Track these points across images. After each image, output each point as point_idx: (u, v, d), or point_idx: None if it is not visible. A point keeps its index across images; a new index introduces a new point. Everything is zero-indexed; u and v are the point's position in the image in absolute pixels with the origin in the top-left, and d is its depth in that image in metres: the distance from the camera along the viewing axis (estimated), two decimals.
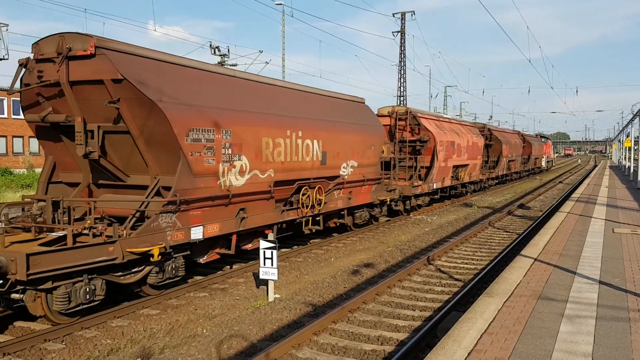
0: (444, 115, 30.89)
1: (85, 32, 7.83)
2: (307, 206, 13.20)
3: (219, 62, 30.24)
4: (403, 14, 47.61)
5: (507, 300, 7.19)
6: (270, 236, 10.01)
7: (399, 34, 47.88)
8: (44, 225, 8.96)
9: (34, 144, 46.68)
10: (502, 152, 36.13)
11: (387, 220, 19.89)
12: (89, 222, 8.60)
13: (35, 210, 9.23)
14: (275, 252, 9.56)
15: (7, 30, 19.40)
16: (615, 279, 8.32)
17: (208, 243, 10.65)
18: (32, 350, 7.30)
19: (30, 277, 7.28)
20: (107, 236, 8.37)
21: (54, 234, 8.72)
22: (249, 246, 11.81)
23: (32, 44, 9.42)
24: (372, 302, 9.51)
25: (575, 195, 23.82)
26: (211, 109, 10.12)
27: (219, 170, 10.24)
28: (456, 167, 26.10)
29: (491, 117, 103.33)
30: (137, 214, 9.07)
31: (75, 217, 9.59)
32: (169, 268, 9.51)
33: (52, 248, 7.86)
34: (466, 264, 12.84)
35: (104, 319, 8.49)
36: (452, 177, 25.77)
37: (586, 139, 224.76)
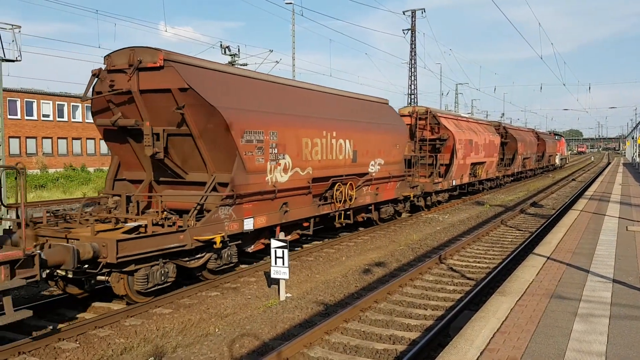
0: (462, 114, 31.62)
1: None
2: (339, 201, 14.21)
3: (229, 62, 30.33)
4: (413, 12, 47.46)
5: (519, 299, 7.15)
6: (281, 235, 10.03)
7: (410, 31, 47.73)
8: (123, 216, 10.20)
9: (47, 144, 47.08)
10: (517, 149, 36.68)
11: (410, 216, 20.69)
12: (165, 213, 9.91)
13: (111, 204, 10.66)
14: (286, 251, 9.58)
15: (19, 32, 19.58)
16: (629, 277, 8.24)
17: (255, 234, 11.71)
18: (46, 350, 7.38)
19: (118, 260, 8.40)
20: (178, 226, 9.54)
21: (129, 224, 9.77)
22: (288, 237, 11.97)
23: (104, 56, 10.52)
24: (384, 301, 9.50)
25: (588, 192, 23.62)
26: (261, 113, 11.27)
27: (267, 168, 11.40)
28: (474, 164, 26.80)
29: (503, 114, 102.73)
30: (198, 207, 10.23)
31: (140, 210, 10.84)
32: (225, 255, 10.67)
33: (135, 235, 8.96)
34: (478, 262, 12.78)
35: (117, 318, 8.56)
36: (470, 174, 26.53)
37: (599, 136, 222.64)
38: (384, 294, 9.66)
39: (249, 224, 10.95)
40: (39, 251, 7.51)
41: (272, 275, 9.70)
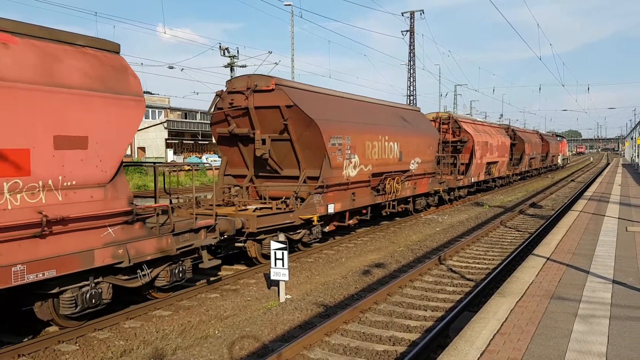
0: (477, 119, 34.78)
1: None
2: (388, 193, 17.07)
3: (228, 64, 30.32)
4: (412, 13, 47.52)
5: (519, 300, 7.15)
6: (281, 237, 10.03)
7: (408, 33, 47.80)
8: (243, 201, 13.34)
9: None
10: (524, 150, 39.87)
11: (436, 207, 23.40)
12: (283, 198, 12.92)
13: (234, 192, 13.86)
14: (286, 252, 9.58)
15: None
16: (629, 278, 8.24)
17: (330, 217, 14.54)
18: (46, 352, 7.36)
19: (257, 230, 11.44)
20: (290, 209, 12.47)
21: (250, 207, 12.90)
22: (351, 222, 15.92)
23: (227, 81, 13.75)
24: (384, 302, 9.49)
25: (588, 193, 23.63)
26: (340, 122, 14.35)
27: (343, 165, 14.36)
28: (489, 163, 30.00)
29: (502, 115, 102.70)
30: (295, 195, 13.07)
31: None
32: (315, 231, 13.70)
33: (265, 213, 11.90)
34: (478, 263, 12.78)
35: (116, 320, 8.55)
36: (485, 172, 29.70)
37: (598, 136, 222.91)
38: (383, 295, 9.65)
39: (331, 208, 13.96)
40: (216, 222, 10.29)
41: (272, 277, 9.69)
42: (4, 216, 6.57)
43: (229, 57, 30.11)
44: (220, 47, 30.07)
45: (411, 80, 48.49)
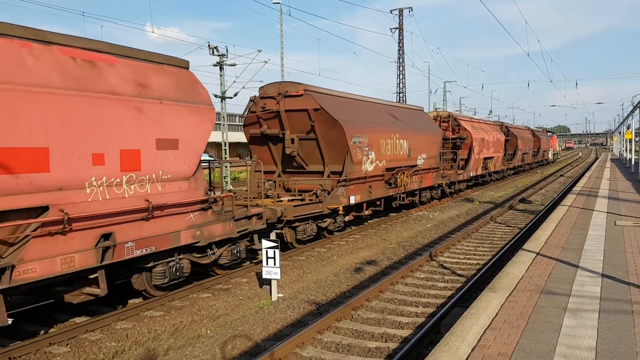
0: (474, 117, 36.76)
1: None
2: (399, 185, 18.80)
3: (217, 62, 30.21)
4: (401, 10, 47.57)
5: (509, 295, 7.20)
6: (272, 235, 10.03)
7: (397, 30, 47.84)
8: (276, 193, 15.06)
9: None
10: (517, 146, 41.86)
11: (439, 199, 24.97)
12: (315, 190, 14.90)
13: (268, 186, 15.38)
14: (277, 251, 9.58)
15: None
16: (618, 272, 8.32)
17: (349, 208, 16.16)
18: (37, 354, 7.33)
19: (294, 218, 13.21)
20: (319, 200, 14.36)
21: (283, 199, 14.75)
22: (367, 212, 17.77)
23: (259, 88, 15.46)
24: (376, 299, 9.53)
25: (577, 188, 23.80)
26: (360, 123, 16.05)
27: (362, 160, 15.98)
28: (485, 159, 31.89)
29: (491, 111, 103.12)
30: (320, 188, 14.97)
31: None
32: (338, 220, 15.55)
33: (300, 203, 13.73)
34: (468, 259, 12.85)
35: (108, 321, 8.52)
36: (483, 167, 31.65)
37: (587, 131, 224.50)
38: (375, 292, 9.68)
39: (352, 199, 15.63)
40: (264, 211, 12.00)
41: (264, 276, 9.69)
42: (123, 203, 8.29)
43: (218, 55, 29.94)
44: (209, 46, 29.92)
45: (400, 77, 48.57)
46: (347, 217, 16.27)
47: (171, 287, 9.98)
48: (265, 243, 9.71)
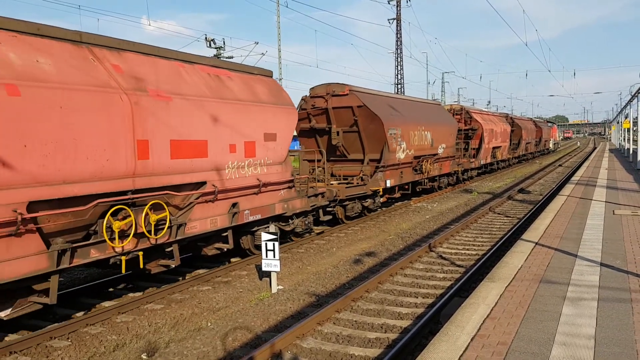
0: (483, 109, 40.75)
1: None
2: (423, 172, 21.24)
3: (214, 55, 30.12)
4: (398, 1, 47.37)
5: (509, 284, 7.22)
6: (272, 228, 10.04)
7: (395, 21, 47.67)
8: (325, 178, 16.62)
9: None
10: (522, 136, 44.61)
11: (453, 186, 27.22)
12: (360, 174, 17.55)
13: (318, 172, 16.42)
14: (277, 243, 9.59)
15: None
16: (617, 261, 8.34)
17: (384, 191, 18.69)
18: (38, 348, 7.34)
19: (345, 197, 15.63)
20: (364, 183, 16.99)
21: (333, 182, 16.95)
22: (397, 195, 20.45)
23: (310, 89, 18.00)
24: (375, 290, 9.55)
25: (575, 178, 23.83)
26: (395, 116, 18.45)
27: (396, 149, 18.32)
28: (494, 148, 34.61)
29: (489, 102, 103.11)
30: (361, 173, 17.59)
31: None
32: (377, 200, 18.13)
33: (348, 186, 16.14)
34: (467, 249, 12.88)
35: (108, 314, 8.53)
36: (491, 156, 34.22)
37: (585, 121, 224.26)
38: (375, 284, 9.71)
39: (388, 183, 18.09)
40: (326, 191, 14.60)
41: (264, 268, 9.71)
42: (245, 181, 10.93)
43: (215, 48, 29.89)
44: (206, 38, 29.85)
45: (398, 68, 48.45)
46: (382, 199, 18.82)
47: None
48: (265, 235, 9.72)
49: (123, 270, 8.40)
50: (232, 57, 30.49)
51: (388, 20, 48.00)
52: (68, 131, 7.31)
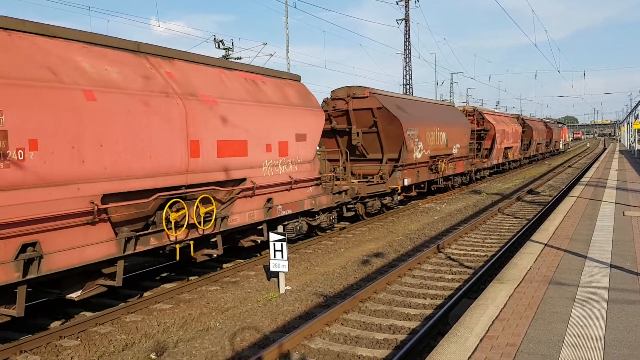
0: (495, 110, 41.74)
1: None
2: (439, 171, 21.85)
3: (223, 56, 30.20)
4: (407, 1, 47.26)
5: (518, 286, 7.19)
6: (280, 229, 10.05)
7: (403, 21, 47.58)
8: (346, 177, 16.97)
9: None
10: (533, 137, 45.20)
11: (466, 185, 27.88)
12: (379, 173, 18.27)
13: (339, 171, 16.87)
14: (285, 244, 9.60)
15: None
16: (627, 262, 8.29)
17: (402, 189, 19.29)
18: (47, 347, 7.39)
19: (366, 195, 16.38)
20: (383, 181, 17.60)
21: (354, 181, 17.46)
22: (413, 193, 21.03)
23: (331, 91, 18.71)
24: (383, 291, 9.54)
25: (585, 179, 23.69)
26: (412, 118, 19.15)
27: (413, 149, 19.08)
28: (506, 148, 35.11)
29: (498, 102, 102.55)
30: (380, 172, 18.30)
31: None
32: (395, 198, 18.87)
33: (369, 184, 16.83)
34: (476, 251, 12.83)
35: (117, 314, 8.58)
36: (503, 156, 34.82)
37: (594, 122, 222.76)
38: (383, 285, 9.70)
39: (406, 182, 18.80)
40: (348, 188, 15.27)
41: (272, 269, 9.73)
42: (278, 178, 11.76)
43: (224, 49, 29.94)
44: (214, 39, 29.91)
45: (407, 69, 48.35)
46: (399, 197, 19.54)
47: (296, 240, 13.96)
48: (273, 236, 9.74)
49: (177, 257, 9.40)
50: (240, 58, 30.54)
51: (396, 20, 47.91)
52: (134, 132, 8.16)
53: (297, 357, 6.79)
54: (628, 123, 64.69)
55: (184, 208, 9.19)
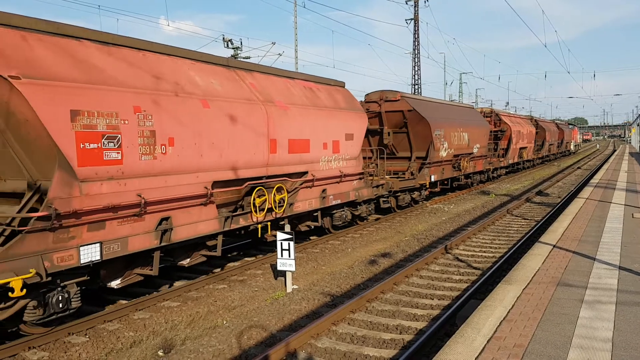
0: (511, 112, 43.09)
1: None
2: (461, 169, 23.73)
3: (232, 55, 30.26)
4: (416, 1, 47.12)
5: (526, 287, 7.17)
6: (287, 228, 10.07)
7: (412, 21, 47.45)
8: (378, 172, 18.60)
9: None
10: (545, 137, 46.82)
11: (483, 183, 29.37)
12: (409, 170, 19.41)
13: (372, 167, 18.18)
14: (292, 243, 9.62)
15: None
16: (635, 264, 8.23)
17: (427, 185, 21.01)
18: (56, 344, 7.45)
19: (398, 189, 17.96)
20: (413, 177, 19.19)
21: (386, 177, 18.33)
22: (437, 189, 23.44)
23: (365, 95, 20.59)
24: (390, 291, 9.53)
25: (594, 180, 23.54)
26: (439, 119, 20.75)
27: (439, 148, 20.58)
28: (521, 148, 36.75)
29: (507, 103, 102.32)
30: (409, 169, 19.49)
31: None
32: (422, 193, 20.62)
33: (401, 179, 18.38)
34: (484, 252, 12.79)
35: (125, 311, 8.63)
36: (518, 156, 36.43)
37: (604, 123, 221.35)
38: (390, 285, 9.69)
39: (432, 178, 20.53)
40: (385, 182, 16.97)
41: (279, 268, 9.74)
42: (331, 172, 13.52)
43: (233, 48, 29.97)
44: (223, 38, 29.95)
45: (416, 69, 48.23)
46: (425, 192, 21.12)
47: (341, 227, 15.54)
48: (280, 235, 9.75)
49: (259, 235, 11.53)
50: (249, 58, 30.56)
51: (405, 20, 47.77)
52: (233, 132, 10.02)
53: (304, 356, 6.80)
54: (638, 125, 64.20)
55: (264, 195, 11.05)
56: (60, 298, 7.40)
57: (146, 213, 8.34)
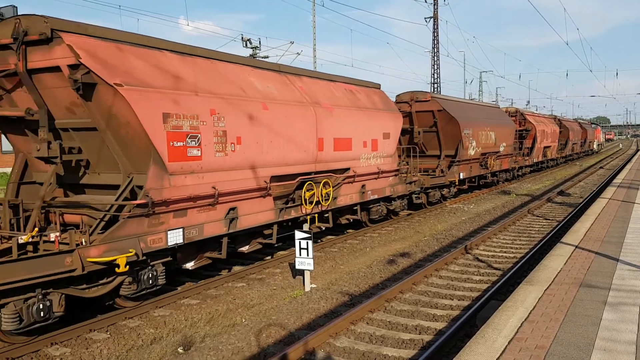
0: (535, 112, 43.32)
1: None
2: (489, 167, 24.47)
3: (250, 55, 30.39)
4: None
5: (547, 288, 7.08)
6: (305, 227, 10.07)
7: (432, 19, 47.16)
8: (410, 172, 18.84)
9: None
10: (569, 137, 47.17)
11: (509, 181, 30.40)
12: (438, 168, 20.16)
13: (402, 165, 17.79)
14: (310, 242, 9.63)
15: None
16: None
17: (456, 182, 21.54)
18: (78, 340, 7.54)
19: (429, 186, 18.94)
20: (443, 174, 20.18)
21: (416, 174, 18.93)
22: (465, 187, 23.53)
23: (396, 95, 21.18)
24: (409, 291, 9.48)
25: (617, 180, 23.17)
26: (468, 119, 21.39)
27: (468, 147, 21.22)
28: (545, 147, 37.42)
29: (528, 102, 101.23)
30: (439, 168, 20.24)
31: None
32: (451, 190, 21.60)
33: (432, 176, 19.43)
34: (505, 252, 12.66)
35: (146, 309, 8.71)
36: (542, 154, 37.18)
37: (627, 122, 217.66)
38: (409, 285, 9.64)
39: (461, 175, 21.26)
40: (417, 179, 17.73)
41: (297, 267, 9.75)
42: (370, 168, 14.44)
43: (251, 48, 30.13)
44: (242, 38, 30.12)
45: (435, 67, 47.93)
46: (454, 189, 21.81)
47: (377, 221, 16.27)
48: (298, 234, 9.76)
49: (308, 225, 10.83)
50: (267, 57, 30.71)
51: (425, 18, 47.50)
52: (288, 132, 11.09)
53: (322, 355, 6.80)
54: None
55: (313, 189, 12.05)
56: (150, 275, 8.51)
57: (218, 203, 9.44)
